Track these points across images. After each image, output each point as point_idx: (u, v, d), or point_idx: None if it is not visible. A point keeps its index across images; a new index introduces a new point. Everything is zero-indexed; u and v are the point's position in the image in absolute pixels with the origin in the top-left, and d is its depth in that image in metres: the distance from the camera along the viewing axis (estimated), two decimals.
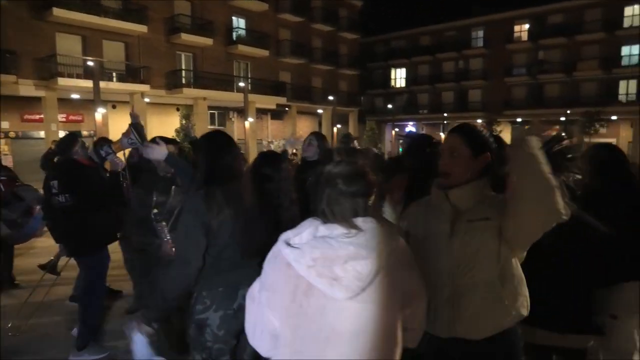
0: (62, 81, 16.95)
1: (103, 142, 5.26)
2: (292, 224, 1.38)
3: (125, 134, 3.47)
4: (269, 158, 2.50)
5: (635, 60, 30.58)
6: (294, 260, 1.23)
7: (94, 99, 14.38)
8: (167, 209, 3.05)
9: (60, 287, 4.81)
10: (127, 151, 3.99)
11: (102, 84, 15.88)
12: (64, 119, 19.19)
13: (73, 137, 3.69)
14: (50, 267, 4.94)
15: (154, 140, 2.82)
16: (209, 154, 2.17)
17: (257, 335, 1.40)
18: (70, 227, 3.51)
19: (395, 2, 66.25)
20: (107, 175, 3.75)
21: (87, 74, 17.15)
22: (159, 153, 2.63)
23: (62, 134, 18.04)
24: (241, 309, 1.90)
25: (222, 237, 2.04)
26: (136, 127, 3.43)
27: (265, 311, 1.34)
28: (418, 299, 1.34)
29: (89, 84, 15.71)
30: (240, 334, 2.08)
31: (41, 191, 4.31)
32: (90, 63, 15.84)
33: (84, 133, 19.98)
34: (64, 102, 18.76)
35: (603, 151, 2.70)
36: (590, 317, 2.07)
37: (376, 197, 1.36)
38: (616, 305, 2.32)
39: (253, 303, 1.41)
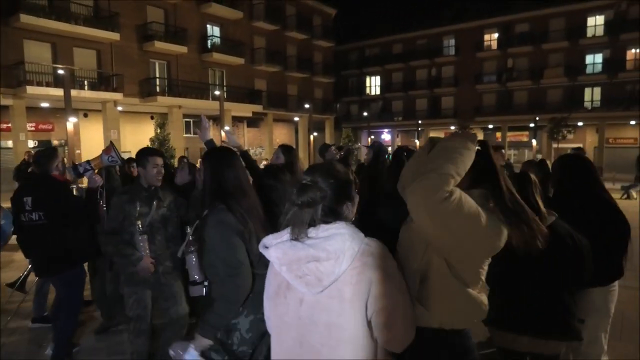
0: (31, 89, 16.49)
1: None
2: None
3: (105, 151, 3.46)
4: (271, 170, 2.68)
5: (599, 68, 31.88)
6: (268, 258, 1.44)
7: (65, 108, 14.02)
8: (148, 222, 3.04)
9: (30, 304, 4.69)
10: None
11: (74, 92, 15.52)
12: (33, 128, 18.69)
13: (54, 151, 3.55)
14: (19, 285, 4.81)
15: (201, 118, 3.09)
16: (214, 172, 2.20)
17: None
18: (44, 244, 3.37)
19: (368, 10, 67.09)
20: (85, 192, 3.66)
21: (58, 82, 16.74)
22: (206, 134, 2.83)
23: (31, 143, 17.56)
24: None
25: (253, 248, 2.08)
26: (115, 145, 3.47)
27: (264, 299, 1.58)
28: (389, 300, 1.38)
29: (59, 92, 15.32)
30: (264, 336, 2.16)
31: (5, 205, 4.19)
32: (60, 71, 15.48)
33: (55, 142, 19.52)
34: (33, 111, 18.27)
35: (570, 161, 2.83)
36: (571, 322, 2.13)
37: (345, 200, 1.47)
38: (584, 310, 2.43)
39: None
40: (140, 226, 2.99)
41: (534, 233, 1.63)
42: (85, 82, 19.00)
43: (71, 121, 14.17)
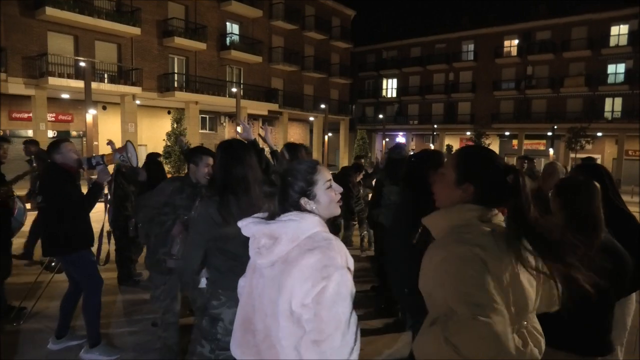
0: (53, 80, 16.80)
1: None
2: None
3: (119, 150, 3.54)
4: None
5: (621, 78, 31.32)
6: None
7: (85, 100, 14.25)
8: (188, 217, 3.22)
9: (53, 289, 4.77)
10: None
11: (94, 85, 15.76)
12: (53, 119, 19.00)
13: (58, 142, 3.65)
14: (46, 265, 4.90)
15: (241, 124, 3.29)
16: (224, 165, 2.28)
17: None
18: (44, 226, 3.67)
19: (387, 12, 66.96)
20: (91, 184, 3.67)
21: (79, 74, 17.03)
22: (249, 134, 3.07)
23: (50, 133, 17.87)
24: None
25: (237, 245, 2.20)
26: (132, 146, 3.56)
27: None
28: (312, 287, 1.39)
29: (79, 84, 15.59)
30: None
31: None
32: (82, 63, 15.74)
33: (73, 133, 19.83)
34: (54, 102, 18.59)
35: (586, 172, 2.77)
36: (608, 338, 2.06)
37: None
38: None
39: None
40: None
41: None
42: (105, 75, 19.30)
43: (90, 113, 14.39)
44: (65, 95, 18.75)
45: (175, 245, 3.07)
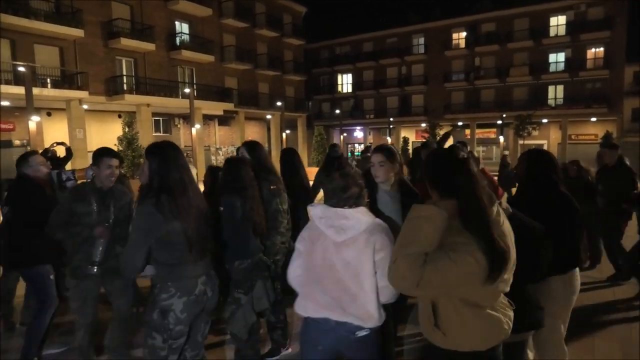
0: None
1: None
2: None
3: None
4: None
5: (561, 66, 33.00)
6: (311, 213, 2.16)
7: (27, 107, 13.52)
8: (98, 221, 3.22)
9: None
10: None
11: (36, 91, 14.97)
12: None
13: (27, 154, 3.72)
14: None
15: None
16: (158, 170, 2.34)
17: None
18: (7, 238, 3.57)
19: (337, 8, 67.31)
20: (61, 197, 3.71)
21: (18, 79, 16.12)
22: None
23: None
24: (201, 294, 2.44)
25: (179, 241, 2.31)
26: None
27: (298, 245, 2.27)
28: (385, 254, 2.00)
29: (20, 90, 14.77)
30: (198, 316, 2.50)
31: None
32: (21, 68, 14.91)
33: (16, 142, 18.81)
34: None
35: (533, 156, 2.92)
36: (535, 313, 2.19)
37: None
38: (543, 297, 2.52)
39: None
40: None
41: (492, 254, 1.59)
42: (48, 80, 18.37)
43: (33, 120, 13.68)
44: (5, 103, 17.71)
45: (97, 252, 3.10)
